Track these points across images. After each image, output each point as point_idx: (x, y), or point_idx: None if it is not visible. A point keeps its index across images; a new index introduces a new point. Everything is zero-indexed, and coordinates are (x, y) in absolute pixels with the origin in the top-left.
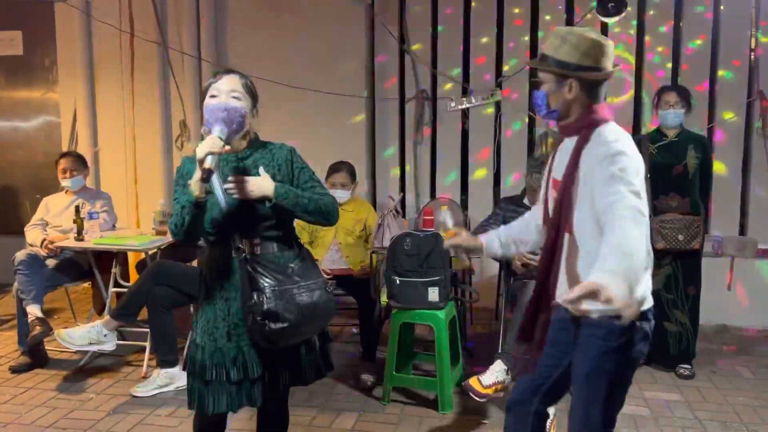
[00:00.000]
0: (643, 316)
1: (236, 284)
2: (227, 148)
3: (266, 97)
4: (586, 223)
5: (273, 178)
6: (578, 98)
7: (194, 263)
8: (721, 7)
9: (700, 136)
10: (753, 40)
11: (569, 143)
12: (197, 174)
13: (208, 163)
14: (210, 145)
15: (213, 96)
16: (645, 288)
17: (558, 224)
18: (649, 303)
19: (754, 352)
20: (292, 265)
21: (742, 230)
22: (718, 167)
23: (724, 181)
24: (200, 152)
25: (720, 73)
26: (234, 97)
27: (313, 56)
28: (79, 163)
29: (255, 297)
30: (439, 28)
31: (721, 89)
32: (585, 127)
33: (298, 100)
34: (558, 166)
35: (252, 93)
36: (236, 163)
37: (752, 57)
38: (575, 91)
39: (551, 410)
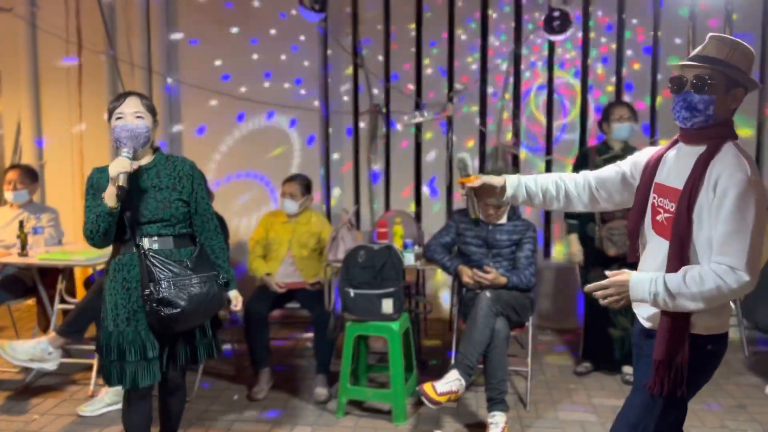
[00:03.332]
0: (716, 338)
1: (137, 276)
2: (135, 165)
3: (218, 109)
4: (699, 234)
5: (173, 188)
6: (733, 109)
7: None
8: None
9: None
10: None
11: (688, 150)
12: (111, 189)
13: (121, 180)
14: (121, 165)
15: (119, 118)
16: (727, 311)
17: (682, 234)
18: (727, 327)
19: None
20: (186, 260)
21: None
22: None
23: None
24: (113, 172)
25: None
26: (138, 117)
27: (265, 69)
28: (28, 177)
29: (151, 287)
30: (392, 42)
31: (661, 105)
32: (717, 137)
33: (251, 113)
34: (672, 173)
35: (152, 110)
36: (140, 173)
37: None
38: (739, 101)
39: (503, 417)
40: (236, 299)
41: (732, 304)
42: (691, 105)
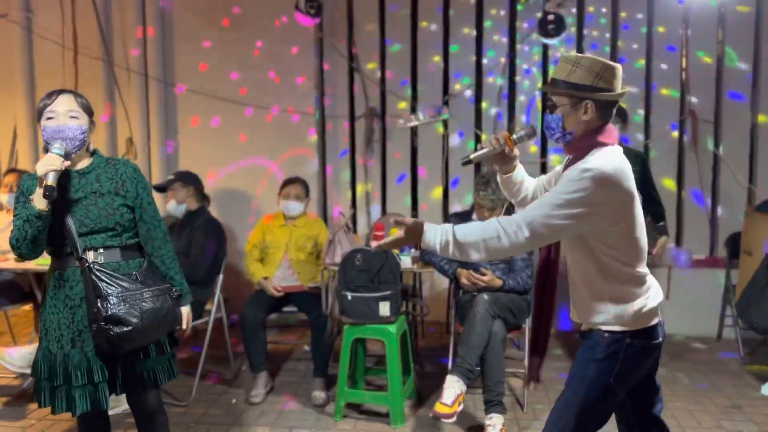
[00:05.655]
0: (639, 333)
1: (80, 293)
2: (67, 163)
3: (214, 114)
4: (574, 240)
5: (116, 192)
6: (593, 119)
7: None
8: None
9: (638, 152)
10: (684, 60)
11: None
12: (40, 190)
13: (50, 179)
14: (49, 162)
15: (50, 118)
16: (644, 305)
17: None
18: (650, 321)
19: (691, 358)
20: (136, 273)
21: (678, 241)
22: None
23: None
24: (41, 170)
25: (663, 91)
26: (72, 117)
27: (261, 74)
28: None
29: (99, 304)
30: (388, 46)
31: (655, 108)
32: (585, 147)
33: (246, 117)
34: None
35: (88, 110)
36: (78, 178)
37: (684, 77)
38: (591, 112)
39: (501, 419)
40: (187, 317)
41: (650, 302)
42: (547, 124)
